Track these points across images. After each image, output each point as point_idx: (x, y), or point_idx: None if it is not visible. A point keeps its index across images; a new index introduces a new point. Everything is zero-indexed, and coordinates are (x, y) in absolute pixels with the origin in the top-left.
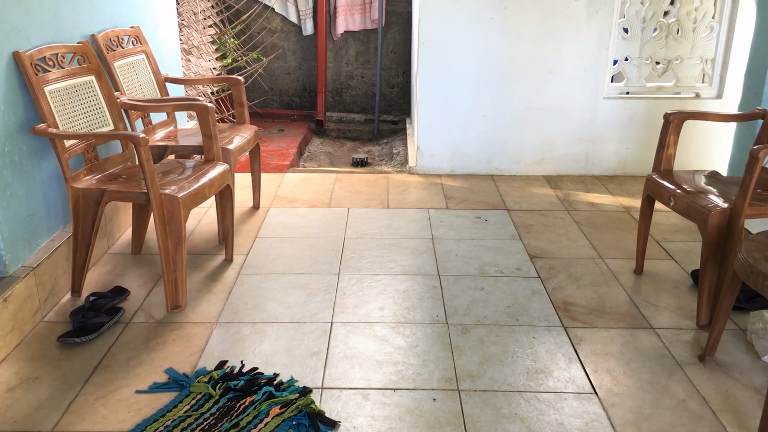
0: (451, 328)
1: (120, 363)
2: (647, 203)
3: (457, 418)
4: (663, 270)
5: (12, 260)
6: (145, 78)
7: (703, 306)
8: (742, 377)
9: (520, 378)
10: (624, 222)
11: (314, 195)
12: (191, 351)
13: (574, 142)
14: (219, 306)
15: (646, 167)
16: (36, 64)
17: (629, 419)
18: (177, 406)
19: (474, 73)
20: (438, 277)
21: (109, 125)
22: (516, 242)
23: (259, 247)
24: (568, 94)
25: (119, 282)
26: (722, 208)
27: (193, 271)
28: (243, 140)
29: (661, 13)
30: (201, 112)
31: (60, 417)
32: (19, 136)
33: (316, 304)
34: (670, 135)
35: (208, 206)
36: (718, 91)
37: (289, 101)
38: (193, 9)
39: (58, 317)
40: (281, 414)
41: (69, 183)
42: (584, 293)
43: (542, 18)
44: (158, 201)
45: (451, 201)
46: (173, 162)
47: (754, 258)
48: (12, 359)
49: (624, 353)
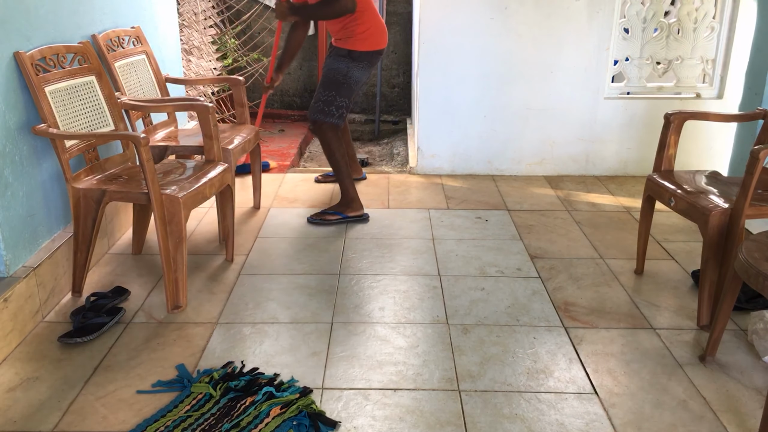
0: (451, 328)
1: (120, 363)
2: (648, 203)
3: (458, 419)
4: (663, 270)
5: (12, 260)
6: (146, 78)
7: (704, 306)
8: (743, 377)
9: (520, 378)
10: (624, 222)
11: (315, 195)
12: (192, 351)
13: (574, 142)
14: (219, 306)
15: (646, 167)
16: (37, 64)
17: (630, 419)
18: (178, 407)
19: (474, 73)
20: (438, 278)
21: (109, 125)
22: (516, 242)
23: (260, 247)
24: (569, 95)
25: (120, 282)
26: (723, 208)
27: (193, 272)
28: (243, 140)
29: (661, 14)
30: (201, 112)
31: (60, 417)
32: (20, 136)
33: (316, 304)
34: (671, 135)
35: (208, 206)
36: (718, 91)
37: (290, 101)
38: (193, 9)
39: (58, 317)
40: (282, 414)
41: (69, 183)
42: (585, 293)
43: (543, 18)
44: (159, 201)
45: (452, 201)
46: (174, 162)
47: (755, 258)
48: (12, 359)
49: (624, 353)
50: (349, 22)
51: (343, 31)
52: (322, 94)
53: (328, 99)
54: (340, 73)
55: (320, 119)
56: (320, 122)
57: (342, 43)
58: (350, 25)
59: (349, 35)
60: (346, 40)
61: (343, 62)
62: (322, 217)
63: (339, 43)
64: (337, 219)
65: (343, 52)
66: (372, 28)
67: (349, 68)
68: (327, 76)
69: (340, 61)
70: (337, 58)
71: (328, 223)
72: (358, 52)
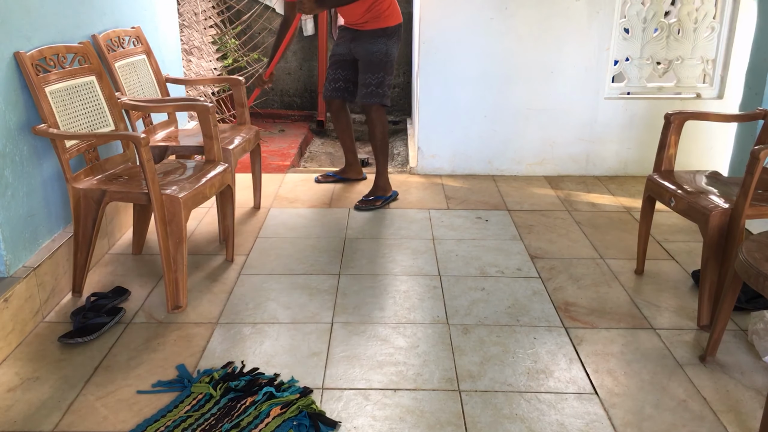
0: (451, 328)
1: (121, 363)
2: (648, 203)
3: (458, 419)
4: (664, 270)
5: (13, 260)
6: (146, 78)
7: (704, 306)
8: (743, 378)
9: (520, 378)
10: (625, 222)
11: (315, 195)
12: (192, 351)
13: (574, 142)
14: (220, 306)
15: (646, 167)
16: (37, 64)
17: (630, 420)
18: (178, 407)
19: (474, 74)
20: (439, 278)
21: (109, 125)
22: (517, 242)
23: (260, 247)
24: (569, 95)
25: (120, 282)
26: (723, 208)
27: (193, 272)
28: (244, 140)
29: (662, 14)
30: (202, 112)
31: (61, 417)
32: (20, 136)
33: (316, 305)
34: (671, 135)
35: (208, 207)
36: (719, 91)
37: (290, 101)
38: (193, 9)
39: (58, 317)
40: (282, 414)
41: (70, 183)
42: (585, 293)
43: (543, 18)
44: (159, 201)
45: (452, 201)
46: (174, 162)
47: (755, 258)
48: (13, 359)
49: (625, 354)
50: (374, 2)
51: (368, 13)
52: (372, 78)
53: (379, 81)
54: (381, 53)
55: (376, 102)
56: (375, 105)
57: (372, 25)
58: (374, 6)
59: (376, 15)
60: (376, 20)
61: (381, 42)
62: (371, 203)
63: (368, 25)
64: (382, 203)
65: (378, 32)
66: (394, 2)
67: (387, 46)
68: (370, 60)
69: (377, 42)
70: (372, 40)
71: (377, 207)
72: (391, 27)
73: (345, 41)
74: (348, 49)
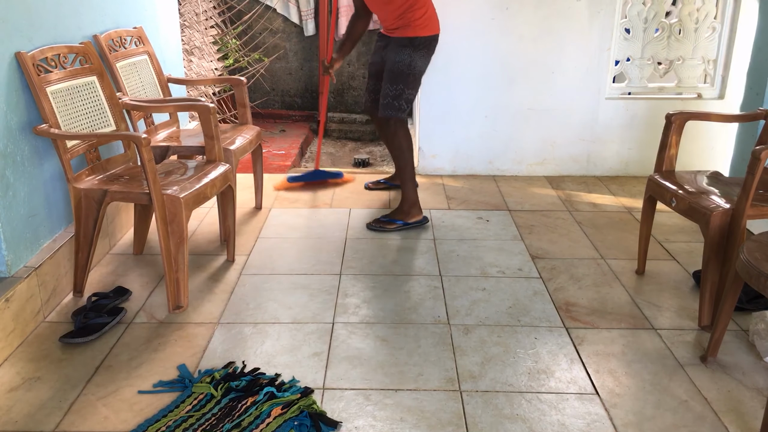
0: (452, 328)
1: (122, 363)
2: (649, 204)
3: (459, 419)
4: (665, 270)
5: (14, 260)
6: (148, 78)
7: (705, 306)
8: (745, 378)
9: (521, 378)
10: (626, 222)
11: (316, 195)
12: (193, 351)
13: (575, 142)
14: (221, 306)
15: (647, 168)
16: (38, 64)
17: (631, 420)
18: (179, 407)
19: (475, 74)
20: (439, 278)
21: (111, 126)
22: (517, 243)
23: (261, 247)
24: (570, 95)
25: (121, 282)
26: (724, 208)
27: (194, 272)
28: (245, 141)
29: (662, 14)
30: (203, 112)
31: (62, 417)
32: (21, 136)
33: (317, 305)
34: (672, 135)
35: (209, 207)
36: (719, 91)
37: (291, 102)
38: (195, 9)
39: (60, 317)
40: (283, 414)
41: (71, 183)
42: (586, 294)
43: (544, 18)
44: (160, 201)
45: (453, 201)
46: (175, 162)
47: (756, 258)
48: (14, 359)
49: (626, 354)
50: (407, 9)
51: (400, 20)
52: (391, 89)
53: (396, 93)
54: (404, 64)
55: (391, 115)
56: (391, 119)
57: (401, 32)
58: (407, 13)
59: (407, 23)
60: (405, 28)
61: (405, 52)
62: (382, 225)
63: (397, 32)
64: (396, 227)
65: (404, 41)
66: (429, 11)
67: (412, 58)
68: (392, 70)
69: (401, 52)
70: (398, 49)
71: (387, 230)
72: (420, 38)
73: (379, 49)
74: (381, 58)
